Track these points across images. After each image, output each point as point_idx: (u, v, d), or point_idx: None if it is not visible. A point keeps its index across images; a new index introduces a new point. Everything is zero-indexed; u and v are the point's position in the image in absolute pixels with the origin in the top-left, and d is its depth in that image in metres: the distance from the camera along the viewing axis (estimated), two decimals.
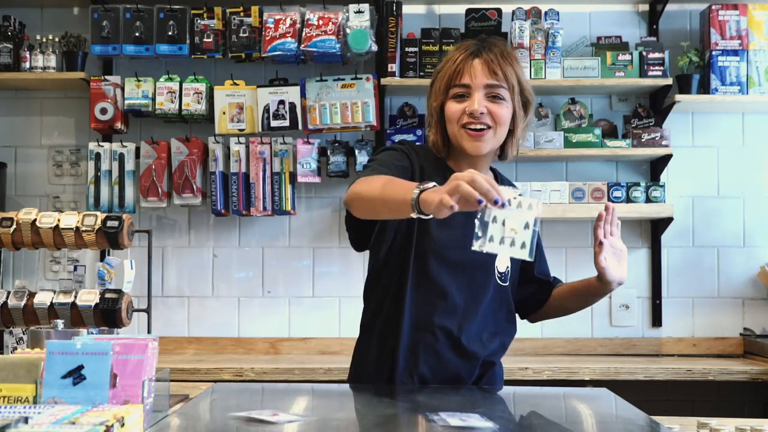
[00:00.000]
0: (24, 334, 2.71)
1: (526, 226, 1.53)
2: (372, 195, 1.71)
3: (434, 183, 1.60)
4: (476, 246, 1.52)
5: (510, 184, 2.11)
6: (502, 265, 1.97)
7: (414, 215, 1.59)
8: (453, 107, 1.92)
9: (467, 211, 1.52)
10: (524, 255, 1.53)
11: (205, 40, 3.63)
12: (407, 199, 1.59)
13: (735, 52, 3.63)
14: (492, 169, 2.09)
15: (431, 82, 2.01)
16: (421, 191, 1.57)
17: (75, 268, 3.09)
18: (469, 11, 3.70)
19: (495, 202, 1.49)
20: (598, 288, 2.02)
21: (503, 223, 1.52)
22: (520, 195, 1.54)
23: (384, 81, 3.59)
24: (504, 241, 1.52)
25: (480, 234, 1.52)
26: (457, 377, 1.95)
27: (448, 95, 1.93)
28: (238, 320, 3.83)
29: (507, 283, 2.02)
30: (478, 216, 1.52)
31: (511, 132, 1.96)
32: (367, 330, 2.01)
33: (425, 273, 1.91)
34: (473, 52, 1.93)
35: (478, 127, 1.89)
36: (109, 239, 2.79)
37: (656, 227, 3.75)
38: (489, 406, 1.75)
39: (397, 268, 1.93)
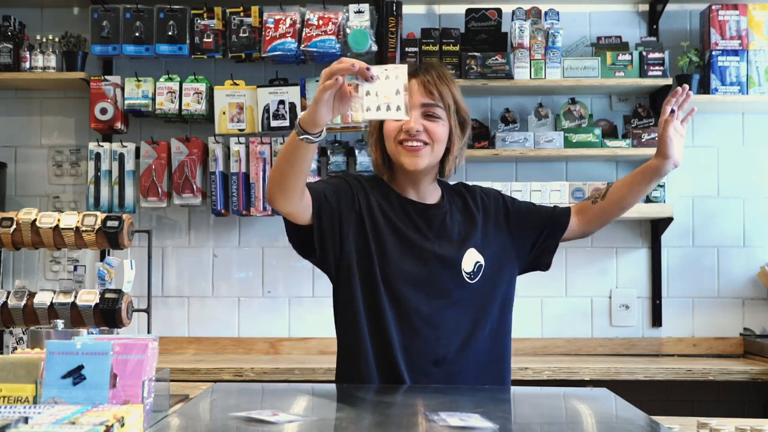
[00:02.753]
0: (24, 334, 2.71)
1: (397, 92, 1.69)
2: (275, 166, 1.83)
3: None
4: (357, 118, 1.74)
5: (456, 189, 2.14)
6: (467, 264, 1.99)
7: (302, 137, 1.74)
8: (390, 125, 1.97)
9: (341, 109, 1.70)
10: (401, 115, 1.70)
11: (205, 40, 3.63)
12: (294, 135, 1.75)
13: (735, 52, 3.63)
14: (441, 184, 2.11)
15: None
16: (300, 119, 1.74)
17: (75, 268, 3.09)
18: (469, 11, 3.70)
19: (367, 70, 1.66)
20: (654, 169, 2.02)
21: (377, 94, 1.69)
22: (386, 69, 1.69)
23: None
24: (381, 108, 1.69)
25: (359, 108, 1.70)
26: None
27: None
28: (238, 320, 3.83)
29: (476, 280, 2.00)
30: (357, 91, 1.69)
31: (448, 150, 2.00)
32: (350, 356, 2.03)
33: (395, 298, 1.95)
34: (411, 72, 1.95)
35: (415, 143, 1.94)
36: (109, 239, 2.79)
37: (656, 227, 3.75)
38: (489, 406, 1.75)
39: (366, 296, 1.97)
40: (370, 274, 1.95)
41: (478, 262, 2.01)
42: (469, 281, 1.99)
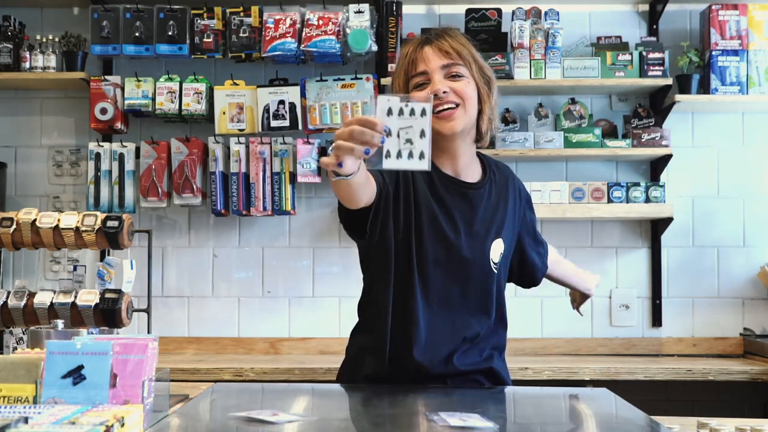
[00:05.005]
0: (24, 334, 2.71)
1: (422, 134, 1.46)
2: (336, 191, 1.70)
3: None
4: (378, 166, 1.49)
5: (498, 163, 2.14)
6: (496, 254, 2.00)
7: (334, 179, 1.58)
8: (416, 96, 1.89)
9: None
10: (423, 166, 1.47)
11: (205, 40, 3.63)
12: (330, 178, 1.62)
13: (735, 52, 3.63)
14: (480, 157, 2.08)
15: (391, 84, 2.02)
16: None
17: (75, 268, 3.09)
18: (469, 11, 3.70)
19: (382, 140, 1.46)
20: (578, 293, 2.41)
21: (398, 135, 1.46)
22: (408, 102, 1.47)
23: (384, 81, 3.59)
24: (402, 154, 1.46)
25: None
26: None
27: (409, 88, 1.94)
28: (238, 320, 3.83)
29: (498, 271, 2.03)
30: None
31: (480, 111, 1.96)
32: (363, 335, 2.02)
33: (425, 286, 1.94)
34: (423, 41, 1.95)
35: (446, 107, 1.89)
36: (109, 239, 2.79)
37: (656, 227, 3.75)
38: (489, 406, 1.75)
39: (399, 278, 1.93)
40: (406, 260, 1.91)
41: (502, 252, 2.02)
42: (495, 270, 2.00)
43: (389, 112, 1.46)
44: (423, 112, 1.47)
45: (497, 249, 2.00)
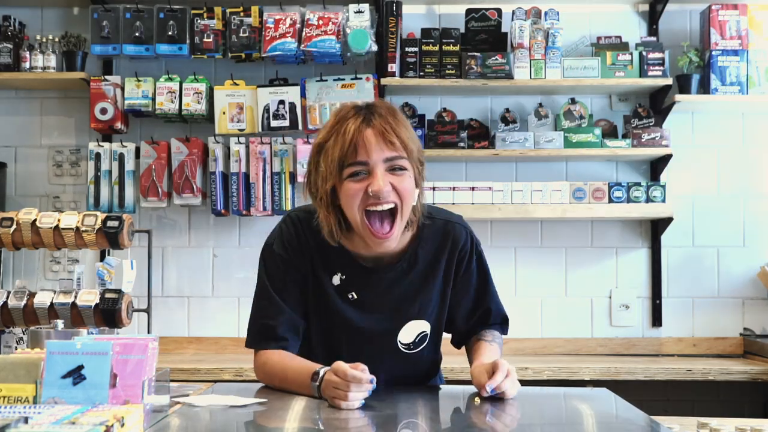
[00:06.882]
0: (24, 334, 2.71)
1: None
2: (275, 382, 1.81)
3: (324, 369, 1.67)
4: None
5: (441, 227, 1.91)
6: (406, 337, 1.88)
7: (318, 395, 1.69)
8: (352, 188, 1.72)
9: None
10: None
11: (205, 40, 3.63)
12: (309, 389, 1.70)
13: (735, 52, 3.63)
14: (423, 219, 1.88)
15: (313, 155, 1.83)
16: (319, 386, 1.68)
17: (75, 268, 3.09)
18: (469, 11, 3.70)
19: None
20: None
21: None
22: None
23: (384, 81, 3.59)
24: None
25: None
26: None
27: (342, 175, 1.74)
28: (238, 320, 3.82)
29: (416, 350, 1.90)
30: None
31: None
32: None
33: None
34: (363, 120, 1.74)
35: (383, 208, 1.72)
36: (109, 239, 2.79)
37: (656, 227, 3.75)
38: (489, 405, 1.75)
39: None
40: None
41: (422, 332, 1.89)
42: (407, 351, 1.89)
43: None
44: None
45: (411, 330, 1.87)
